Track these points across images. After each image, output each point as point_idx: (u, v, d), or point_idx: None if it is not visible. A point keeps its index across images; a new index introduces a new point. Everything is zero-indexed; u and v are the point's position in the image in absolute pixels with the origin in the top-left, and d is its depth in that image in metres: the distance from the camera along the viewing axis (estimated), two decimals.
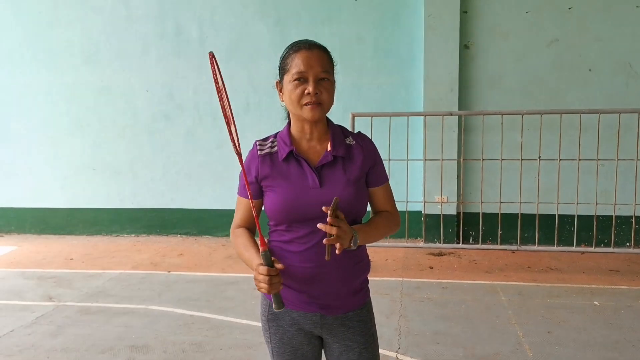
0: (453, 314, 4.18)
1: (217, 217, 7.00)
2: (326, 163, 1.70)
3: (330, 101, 1.69)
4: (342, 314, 1.74)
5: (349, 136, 1.77)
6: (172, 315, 4.24)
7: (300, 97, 1.65)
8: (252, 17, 6.76)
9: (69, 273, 5.49)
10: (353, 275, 1.74)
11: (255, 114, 6.84)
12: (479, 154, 5.93)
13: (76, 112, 7.20)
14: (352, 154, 1.73)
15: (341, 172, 1.69)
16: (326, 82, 1.66)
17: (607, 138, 5.66)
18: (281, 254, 1.71)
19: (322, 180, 1.68)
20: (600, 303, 4.38)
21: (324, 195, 1.65)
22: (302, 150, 1.73)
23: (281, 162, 1.72)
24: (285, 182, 1.70)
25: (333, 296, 1.71)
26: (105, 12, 7.03)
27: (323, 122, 1.75)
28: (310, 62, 1.64)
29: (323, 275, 1.69)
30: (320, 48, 1.69)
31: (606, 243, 5.98)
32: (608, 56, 6.08)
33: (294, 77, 1.65)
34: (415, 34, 6.44)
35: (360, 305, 1.77)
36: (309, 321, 1.74)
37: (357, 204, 1.70)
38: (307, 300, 1.72)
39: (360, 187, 1.72)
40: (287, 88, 1.67)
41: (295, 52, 1.67)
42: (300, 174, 1.69)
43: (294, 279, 1.71)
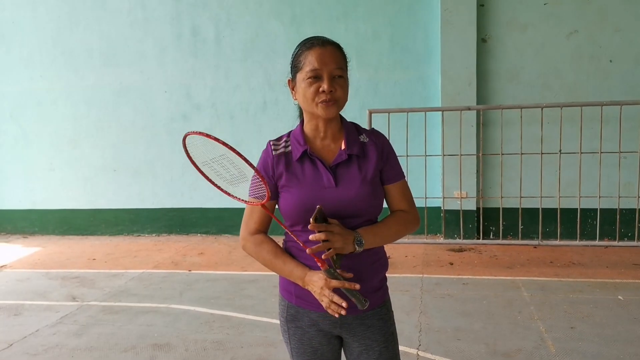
0: (474, 310, 4.15)
1: (236, 216, 7.03)
2: (341, 162, 1.67)
3: (345, 98, 1.66)
4: (362, 312, 1.70)
5: (363, 133, 1.74)
6: (193, 313, 4.27)
7: (314, 95, 1.62)
8: (267, 16, 6.78)
9: (91, 273, 5.57)
10: (370, 274, 1.71)
11: (272, 112, 6.86)
12: (498, 149, 5.87)
13: (96, 114, 7.30)
14: (366, 151, 1.70)
15: (356, 171, 1.67)
16: (340, 80, 1.63)
17: (630, 130, 5.57)
18: (298, 255, 1.70)
19: (337, 179, 1.66)
20: (624, 297, 4.31)
21: (340, 195, 1.63)
22: (316, 149, 1.71)
23: (295, 162, 1.69)
24: (300, 182, 1.67)
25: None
26: (122, 14, 7.10)
27: (337, 120, 1.72)
28: (324, 59, 1.61)
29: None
30: (333, 45, 1.65)
31: (630, 237, 5.88)
32: (629, 46, 5.97)
33: (308, 74, 1.61)
34: (432, 28, 6.39)
35: (380, 304, 1.75)
36: (328, 321, 1.72)
37: (373, 203, 1.67)
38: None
39: (376, 186, 1.69)
40: (301, 86, 1.64)
41: (309, 49, 1.63)
42: (315, 174, 1.67)
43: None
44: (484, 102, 6.23)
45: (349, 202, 1.63)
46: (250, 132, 6.94)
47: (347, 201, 1.63)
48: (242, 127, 6.96)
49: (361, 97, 6.41)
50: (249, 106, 6.92)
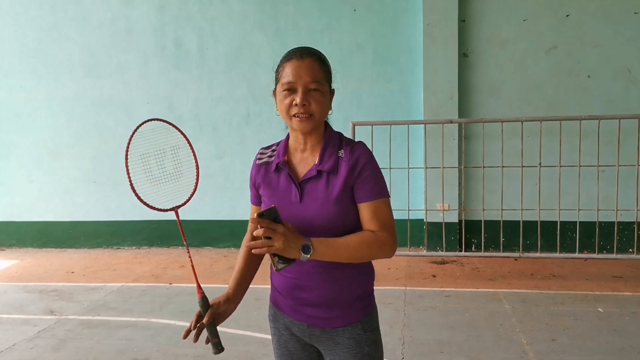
0: (457, 323, 4.15)
1: (218, 228, 6.99)
2: (310, 177, 1.64)
3: (322, 112, 1.63)
4: (330, 328, 1.67)
5: (344, 147, 1.67)
6: (174, 327, 4.22)
7: (289, 108, 1.61)
8: (251, 28, 6.79)
9: (70, 286, 5.47)
10: (341, 290, 1.66)
11: (256, 124, 6.85)
12: (480, 162, 5.93)
13: (76, 125, 7.21)
14: (339, 167, 1.63)
15: (323, 188, 1.62)
16: (316, 93, 1.60)
17: (608, 144, 5.66)
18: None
19: (303, 195, 1.63)
20: (604, 310, 4.35)
21: (302, 211, 1.61)
22: (295, 160, 1.70)
23: (272, 172, 1.71)
24: (273, 193, 1.69)
25: (316, 309, 1.67)
26: (105, 26, 7.06)
27: (318, 132, 1.68)
28: (299, 72, 1.59)
29: (306, 287, 1.66)
30: (312, 56, 1.62)
31: (609, 249, 5.96)
32: (607, 62, 6.09)
33: (283, 87, 1.61)
34: (415, 42, 6.46)
35: (352, 322, 1.67)
36: (297, 329, 1.73)
37: (337, 221, 1.61)
38: (294, 308, 1.71)
39: (343, 204, 1.61)
40: (279, 98, 1.64)
41: (287, 61, 1.62)
42: (286, 187, 1.67)
43: (282, 287, 1.72)
44: (466, 116, 6.29)
45: (310, 219, 1.60)
46: (233, 143, 6.91)
47: (308, 218, 1.60)
48: (225, 138, 6.94)
49: (345, 109, 6.43)
50: (232, 118, 6.91)
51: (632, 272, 5.42)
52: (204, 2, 6.85)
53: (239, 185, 6.88)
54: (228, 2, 6.81)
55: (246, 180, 7.32)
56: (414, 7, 6.43)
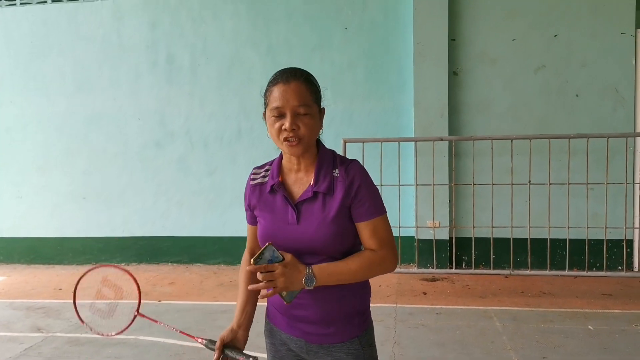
0: (448, 340, 4.14)
1: (208, 245, 6.95)
2: (307, 198, 1.65)
3: (312, 135, 1.63)
4: (328, 344, 1.68)
5: (338, 167, 1.67)
6: (162, 345, 4.17)
7: (279, 132, 1.61)
8: (243, 45, 6.83)
9: (57, 303, 5.40)
10: (338, 306, 1.67)
11: (247, 141, 6.85)
12: (470, 179, 5.96)
13: (67, 140, 7.19)
14: (334, 188, 1.64)
15: (319, 209, 1.63)
16: (305, 117, 1.60)
17: (596, 162, 5.71)
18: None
19: (300, 216, 1.64)
20: (594, 327, 4.36)
21: (300, 232, 1.63)
22: (289, 181, 1.71)
23: (267, 193, 1.71)
24: (269, 214, 1.69)
25: (314, 325, 1.67)
26: (97, 41, 7.07)
27: (311, 153, 1.69)
28: (286, 97, 1.59)
29: (302, 305, 1.66)
30: (299, 79, 1.62)
31: (598, 267, 5.98)
32: (594, 81, 6.17)
33: (272, 112, 1.62)
34: (405, 61, 6.52)
35: (349, 338, 1.68)
36: (295, 345, 1.73)
37: (335, 242, 1.62)
38: (291, 325, 1.71)
39: (341, 224, 1.62)
40: (268, 122, 1.65)
41: (274, 85, 1.63)
42: (283, 208, 1.67)
43: (278, 304, 1.72)
44: (456, 133, 6.34)
45: (308, 240, 1.62)
46: (224, 160, 6.91)
47: (306, 239, 1.62)
48: (216, 155, 6.93)
49: (336, 127, 6.46)
50: (223, 134, 6.91)
51: (622, 289, 5.44)
52: (196, 18, 6.89)
53: (229, 201, 6.86)
54: (220, 19, 6.86)
55: (237, 196, 7.30)
56: (405, 26, 6.50)
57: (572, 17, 6.17)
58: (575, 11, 6.17)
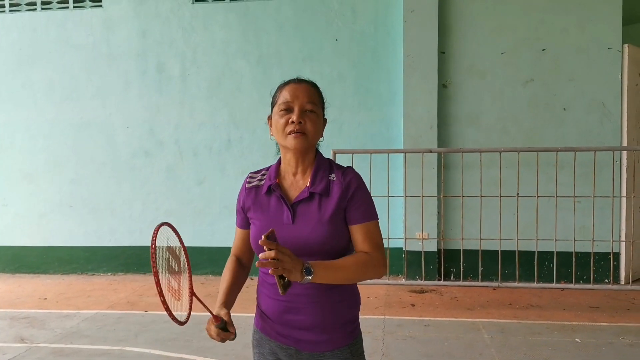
0: (436, 352, 4.13)
1: (196, 255, 6.89)
2: (303, 199, 1.69)
3: (316, 133, 1.72)
4: (319, 352, 1.69)
5: (334, 172, 1.75)
6: (148, 356, 4.12)
7: (285, 126, 1.68)
8: (234, 55, 6.83)
9: (42, 313, 5.33)
10: (331, 313, 1.69)
11: (237, 150, 6.84)
12: (459, 191, 5.98)
13: (54, 148, 7.13)
14: (330, 190, 1.70)
15: (316, 210, 1.67)
16: (312, 114, 1.70)
17: (583, 175, 5.76)
18: (262, 284, 1.77)
19: (296, 216, 1.68)
20: (581, 340, 4.37)
21: (296, 232, 1.65)
22: (286, 184, 1.75)
23: (263, 195, 1.75)
24: (264, 215, 1.72)
25: (306, 332, 1.68)
26: (86, 49, 7.05)
27: (310, 156, 1.76)
28: (296, 93, 1.69)
29: (297, 309, 1.67)
30: (309, 83, 1.76)
31: (585, 280, 6.01)
32: (581, 96, 6.24)
33: (280, 107, 1.70)
34: (395, 73, 6.56)
35: (340, 346, 1.70)
36: (285, 353, 1.72)
37: (330, 243, 1.65)
38: (282, 332, 1.71)
39: (336, 225, 1.66)
40: (274, 118, 1.72)
41: (285, 85, 1.74)
42: (278, 209, 1.71)
43: (271, 311, 1.72)
44: (445, 145, 6.37)
45: (304, 240, 1.64)
46: (213, 169, 6.88)
47: (302, 239, 1.65)
48: (205, 164, 6.91)
49: (325, 138, 6.34)
50: (212, 143, 6.89)
51: (609, 302, 5.46)
52: (186, 28, 6.90)
53: (218, 211, 6.83)
54: (211, 29, 6.87)
55: (226, 206, 7.25)
56: (395, 39, 6.54)
57: (560, 32, 6.25)
58: (563, 26, 6.24)
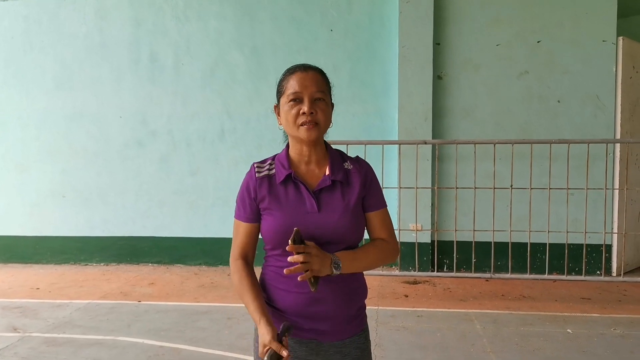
0: (428, 343, 4.15)
1: (190, 246, 6.89)
2: (324, 187, 1.69)
3: (327, 122, 1.71)
4: (339, 340, 1.70)
5: (347, 160, 1.78)
6: (141, 346, 4.11)
7: (296, 117, 1.66)
8: (228, 45, 6.79)
9: (34, 303, 5.31)
10: (350, 300, 1.71)
11: (230, 141, 6.81)
12: (453, 183, 5.99)
13: (47, 138, 7.08)
14: (350, 179, 1.73)
15: (339, 198, 1.68)
16: (322, 103, 1.69)
17: (577, 167, 5.78)
18: (277, 280, 1.70)
19: (320, 204, 1.66)
20: (573, 331, 4.40)
21: (322, 220, 1.64)
22: (300, 173, 1.72)
23: (279, 185, 1.70)
24: (282, 205, 1.67)
25: (330, 322, 1.68)
26: (79, 38, 6.98)
27: (322, 145, 1.76)
28: (305, 83, 1.66)
29: (321, 300, 1.66)
30: (315, 70, 1.73)
31: (577, 271, 6.05)
32: (576, 88, 6.25)
33: (289, 97, 1.66)
34: (390, 64, 6.54)
35: (358, 332, 1.75)
36: (304, 348, 1.70)
37: (355, 230, 1.68)
38: (305, 327, 1.69)
39: (358, 213, 1.70)
40: (284, 109, 1.69)
41: (291, 74, 1.70)
42: (298, 198, 1.68)
43: (291, 305, 1.69)
44: (439, 137, 6.37)
45: (331, 228, 1.64)
46: (207, 160, 6.85)
47: (329, 227, 1.64)
48: (198, 155, 6.88)
49: None
50: (206, 134, 6.86)
51: (600, 294, 5.50)
52: (180, 17, 6.84)
53: (211, 202, 6.81)
54: (204, 19, 6.81)
55: (220, 197, 7.20)
56: (390, 30, 6.52)
57: (555, 24, 6.24)
58: (558, 19, 6.24)
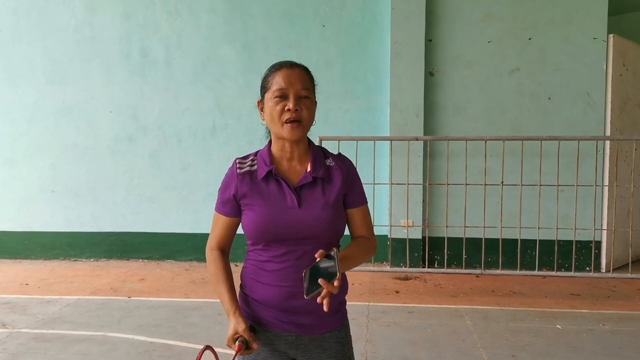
0: (419, 339, 4.16)
1: (180, 241, 6.87)
2: (305, 184, 1.70)
3: (311, 119, 1.72)
4: (319, 334, 1.73)
5: (329, 157, 1.79)
6: (132, 342, 4.10)
7: (280, 114, 1.66)
8: (220, 41, 6.76)
9: (24, 299, 5.27)
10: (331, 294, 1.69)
11: (221, 136, 6.79)
12: (444, 179, 6.01)
13: (36, 132, 7.02)
14: (331, 175, 1.74)
15: (320, 194, 1.70)
16: (307, 101, 1.69)
17: (567, 164, 5.82)
18: (258, 274, 1.73)
19: (301, 200, 1.68)
20: (562, 327, 4.43)
21: (302, 216, 1.66)
22: (282, 169, 1.73)
23: (260, 181, 1.71)
24: (263, 201, 1.69)
25: (310, 316, 1.70)
26: (68, 32, 6.92)
27: (304, 142, 1.76)
28: (290, 79, 1.67)
29: (300, 294, 1.65)
30: (301, 67, 1.73)
31: (567, 267, 6.09)
32: (566, 86, 6.28)
33: (274, 94, 1.67)
34: (382, 60, 6.54)
35: (338, 327, 1.77)
36: (284, 341, 1.72)
37: (334, 226, 1.70)
38: (283, 320, 1.70)
39: (339, 209, 1.72)
40: (268, 105, 1.69)
41: (277, 70, 1.70)
42: (279, 194, 1.69)
43: (271, 299, 1.70)
44: (431, 133, 6.37)
45: (311, 223, 1.66)
46: (198, 155, 6.83)
47: (309, 222, 1.66)
48: (190, 150, 6.85)
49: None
50: (197, 130, 6.83)
51: (589, 290, 5.54)
52: (171, 12, 6.80)
53: (202, 198, 6.79)
54: (196, 14, 6.78)
55: (211, 193, 7.17)
56: (382, 26, 6.52)
57: (546, 22, 6.27)
58: (549, 16, 6.26)
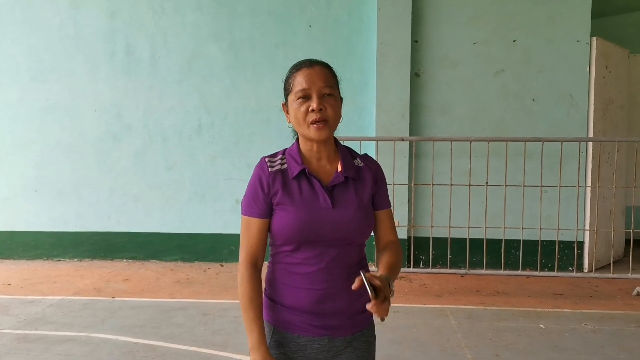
0: (404, 338, 4.18)
1: (165, 241, 6.82)
2: (337, 183, 1.68)
3: (337, 117, 1.69)
4: (350, 334, 1.71)
5: (357, 157, 1.78)
6: (115, 343, 4.07)
7: (305, 115, 1.64)
8: (206, 39, 6.72)
9: (5, 299, 5.20)
10: (360, 295, 1.66)
11: (207, 136, 6.75)
12: (430, 179, 6.04)
13: (19, 130, 6.92)
14: (362, 175, 1.73)
15: (353, 194, 1.68)
16: (330, 98, 1.66)
17: (550, 165, 5.88)
18: (289, 277, 1.68)
19: (334, 200, 1.66)
20: (545, 326, 4.48)
21: (336, 216, 1.64)
22: (312, 169, 1.70)
23: (292, 180, 1.68)
24: (296, 201, 1.65)
25: (342, 317, 1.69)
26: (53, 29, 6.84)
27: (332, 141, 1.74)
28: (312, 78, 1.64)
29: (333, 296, 1.66)
30: (321, 64, 1.70)
31: (550, 267, 6.16)
32: (550, 87, 6.34)
33: (297, 95, 1.64)
34: (368, 61, 6.55)
35: (366, 325, 1.76)
36: (316, 346, 1.69)
37: (366, 227, 1.70)
38: (316, 324, 1.68)
39: (370, 210, 1.72)
40: (292, 107, 1.66)
41: (297, 70, 1.67)
42: (311, 193, 1.66)
43: (302, 303, 1.67)
44: (417, 134, 6.40)
45: (345, 224, 1.64)
46: (183, 155, 6.79)
47: (343, 223, 1.64)
48: (175, 149, 6.80)
49: None
50: (182, 129, 6.79)
51: (572, 289, 5.60)
52: (157, 10, 6.75)
53: (188, 197, 6.75)
54: (182, 12, 6.74)
55: (196, 192, 7.10)
56: (368, 27, 6.53)
57: (531, 24, 6.32)
58: (533, 19, 6.31)
